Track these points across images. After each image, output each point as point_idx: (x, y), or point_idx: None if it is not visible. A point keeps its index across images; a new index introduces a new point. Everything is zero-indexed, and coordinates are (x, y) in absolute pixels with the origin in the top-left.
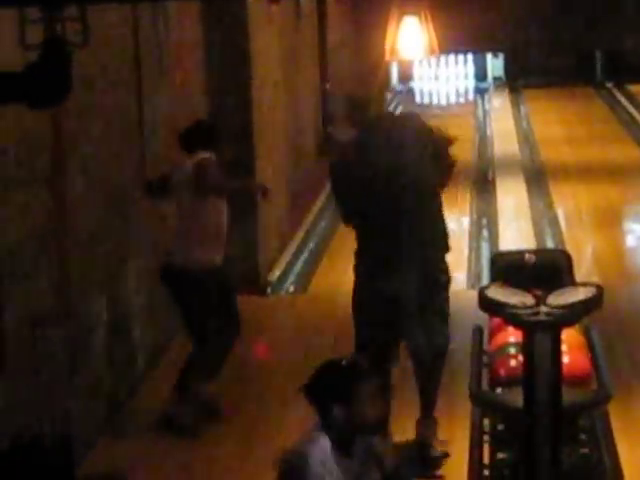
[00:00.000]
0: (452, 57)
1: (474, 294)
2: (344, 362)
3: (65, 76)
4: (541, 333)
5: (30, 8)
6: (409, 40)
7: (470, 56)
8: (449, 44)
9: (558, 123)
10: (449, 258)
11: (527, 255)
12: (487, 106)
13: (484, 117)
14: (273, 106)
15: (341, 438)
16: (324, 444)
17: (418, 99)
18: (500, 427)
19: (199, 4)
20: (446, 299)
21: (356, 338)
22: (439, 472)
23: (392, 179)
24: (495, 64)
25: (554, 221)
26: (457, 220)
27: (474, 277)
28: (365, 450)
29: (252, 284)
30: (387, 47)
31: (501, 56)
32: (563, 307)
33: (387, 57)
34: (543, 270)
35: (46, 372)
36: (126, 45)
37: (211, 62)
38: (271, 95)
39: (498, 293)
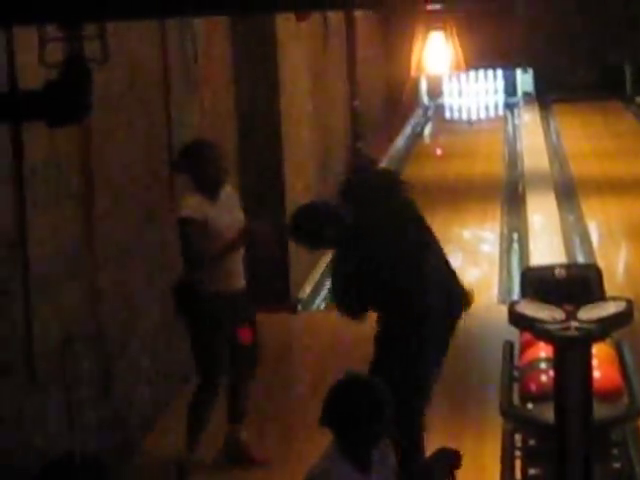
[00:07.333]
0: (481, 72)
1: (505, 309)
2: (353, 381)
3: (85, 94)
4: (572, 348)
5: (50, 26)
6: (435, 55)
7: (499, 71)
8: (476, 60)
9: (588, 138)
10: (478, 273)
11: (558, 270)
12: (517, 121)
13: (514, 132)
14: (302, 123)
15: (359, 456)
16: (344, 465)
17: (448, 115)
18: (531, 442)
19: (227, 21)
20: None
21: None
22: None
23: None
24: (524, 79)
25: (585, 235)
26: (488, 235)
27: (505, 292)
28: (380, 461)
29: (283, 301)
30: (413, 63)
31: (530, 71)
32: (594, 322)
33: (413, 73)
34: (573, 285)
35: (78, 389)
36: (154, 63)
37: (240, 80)
38: (300, 112)
39: (528, 308)
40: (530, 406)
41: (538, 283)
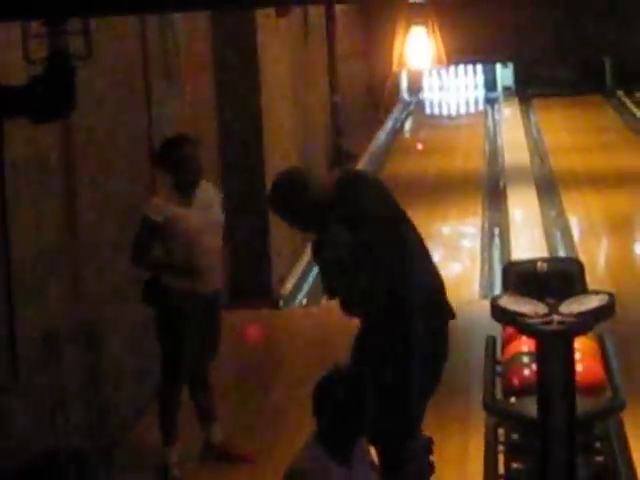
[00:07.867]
0: (461, 67)
1: (487, 304)
2: (342, 374)
3: (69, 90)
4: (554, 342)
5: (33, 22)
6: (417, 50)
7: (479, 66)
8: (457, 55)
9: (568, 132)
10: (460, 268)
11: (539, 264)
12: (497, 116)
13: (494, 127)
14: (283, 118)
15: (341, 449)
16: (324, 459)
17: (428, 110)
18: (515, 436)
19: (208, 17)
20: None
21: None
22: None
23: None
24: (505, 74)
25: (566, 229)
26: (469, 230)
27: (487, 287)
28: (360, 456)
29: (264, 297)
30: (395, 57)
31: (511, 66)
32: (576, 315)
33: (395, 67)
34: (555, 279)
35: (61, 388)
36: (135, 59)
37: (220, 76)
38: (281, 107)
39: (510, 302)
40: (513, 400)
41: (520, 277)
